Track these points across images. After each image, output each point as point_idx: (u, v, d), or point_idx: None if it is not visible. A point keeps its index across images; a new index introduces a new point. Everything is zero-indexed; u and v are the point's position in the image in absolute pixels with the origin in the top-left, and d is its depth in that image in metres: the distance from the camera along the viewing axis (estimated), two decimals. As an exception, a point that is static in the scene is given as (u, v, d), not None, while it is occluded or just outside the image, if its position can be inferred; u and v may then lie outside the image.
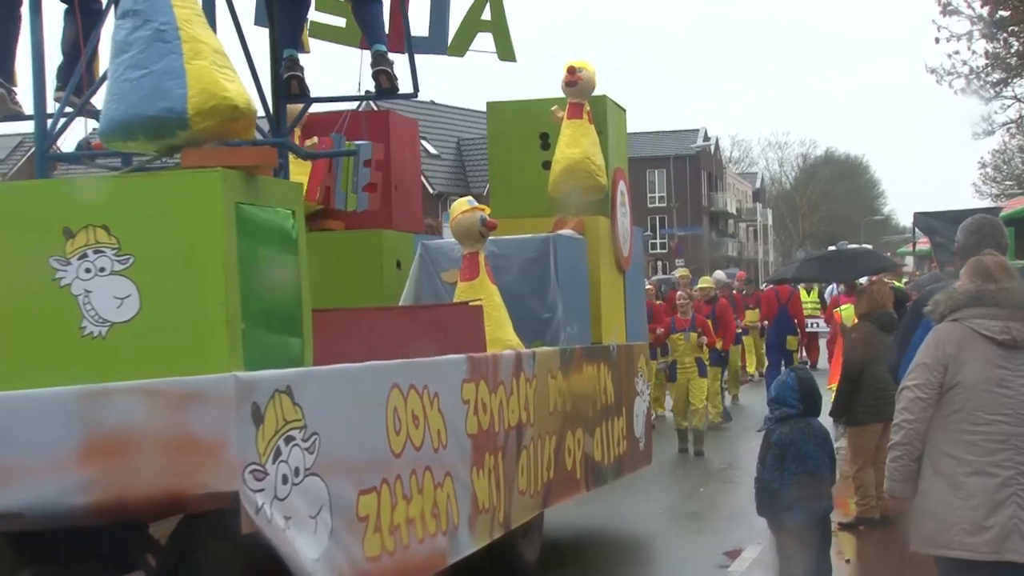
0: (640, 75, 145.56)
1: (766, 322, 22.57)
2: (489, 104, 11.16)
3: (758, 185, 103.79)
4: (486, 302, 8.63)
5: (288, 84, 7.28)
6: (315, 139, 10.50)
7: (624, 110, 11.70)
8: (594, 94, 10.78)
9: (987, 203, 45.05)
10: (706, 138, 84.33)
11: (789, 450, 7.49)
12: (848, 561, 10.17)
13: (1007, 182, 52.11)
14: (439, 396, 6.58)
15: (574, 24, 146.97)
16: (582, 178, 10.42)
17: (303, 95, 7.61)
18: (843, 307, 16.61)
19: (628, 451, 10.91)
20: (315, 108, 10.73)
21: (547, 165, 10.68)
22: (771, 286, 23.53)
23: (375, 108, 15.96)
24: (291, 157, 10.41)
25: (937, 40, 30.09)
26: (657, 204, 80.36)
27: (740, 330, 22.81)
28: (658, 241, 77.19)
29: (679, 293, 17.89)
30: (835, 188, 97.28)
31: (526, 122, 10.96)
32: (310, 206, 10.30)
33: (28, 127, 6.67)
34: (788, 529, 7.61)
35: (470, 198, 8.92)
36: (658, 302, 20.70)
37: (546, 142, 10.85)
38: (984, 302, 5.50)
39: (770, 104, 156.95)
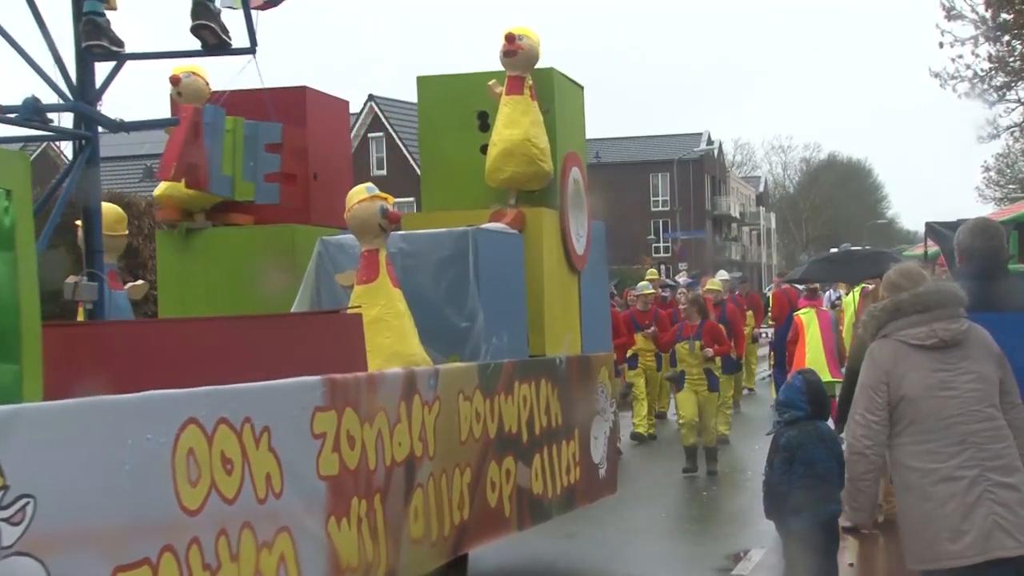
0: (643, 79, 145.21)
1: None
2: (420, 79, 9.69)
3: (761, 189, 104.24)
4: (385, 309, 7.22)
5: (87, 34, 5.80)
6: (233, 121, 9.14)
7: (581, 87, 10.21)
8: (544, 66, 9.36)
9: (991, 207, 44.80)
10: (709, 142, 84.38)
11: (797, 453, 7.38)
12: (851, 565, 9.93)
13: (1011, 186, 52.21)
14: (271, 430, 5.11)
15: (575, 27, 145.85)
16: (521, 163, 8.97)
17: (115, 52, 6.14)
18: (802, 311, 16.25)
19: (582, 479, 9.43)
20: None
21: (486, 149, 9.25)
22: (780, 289, 22.98)
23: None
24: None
25: (941, 44, 30.49)
26: (660, 208, 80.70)
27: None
28: (661, 245, 77.57)
29: (682, 299, 16.46)
30: (838, 192, 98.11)
31: (462, 99, 9.51)
32: (201, 199, 8.94)
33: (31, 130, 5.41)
34: (795, 532, 7.55)
35: (369, 185, 7.48)
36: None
37: (485, 122, 9.41)
38: (903, 312, 5.54)
39: (773, 108, 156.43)
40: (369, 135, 63.79)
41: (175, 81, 9.05)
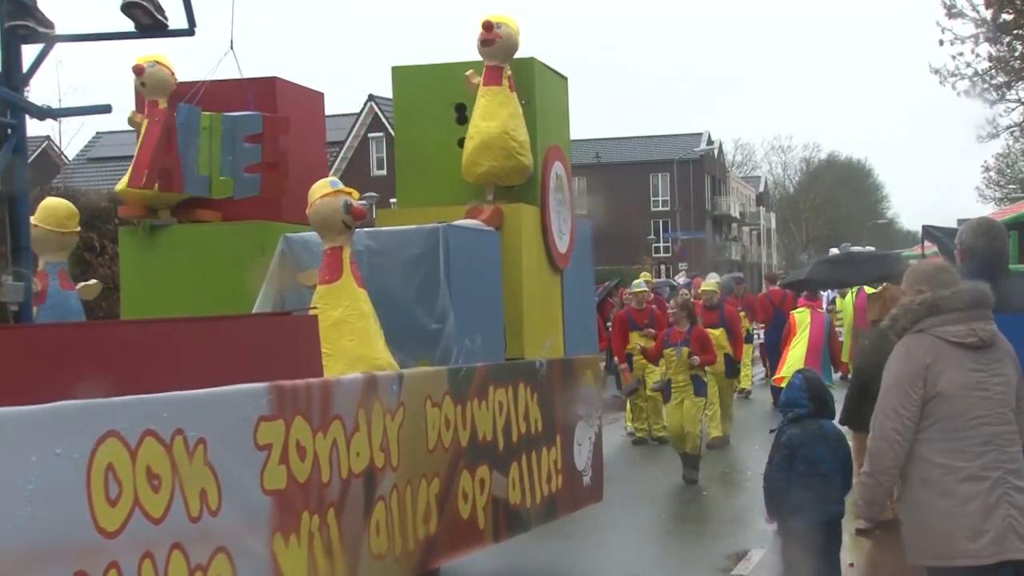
0: (643, 79, 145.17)
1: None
2: (395, 69, 9.28)
3: (761, 189, 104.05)
4: (349, 310, 6.84)
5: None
6: (183, 112, 8.75)
7: (565, 78, 9.79)
8: (526, 56, 8.96)
9: (991, 207, 44.90)
10: (709, 142, 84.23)
11: (799, 451, 7.42)
12: (851, 565, 9.80)
13: (1011, 186, 52.12)
14: (207, 442, 4.72)
15: (575, 26, 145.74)
16: (499, 157, 8.57)
17: (42, 34, 5.71)
18: (799, 310, 16.35)
19: (564, 488, 9.01)
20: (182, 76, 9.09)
21: (464, 143, 8.84)
22: (766, 292, 23.01)
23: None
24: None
25: (941, 42, 30.55)
26: (660, 208, 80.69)
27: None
28: (661, 245, 77.51)
29: (671, 302, 15.95)
30: (838, 192, 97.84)
31: (440, 91, 9.10)
32: (167, 195, 8.54)
33: (33, 131, 5.05)
34: (793, 531, 7.57)
35: (334, 179, 7.09)
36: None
37: (463, 115, 9.00)
38: (943, 309, 5.47)
39: (773, 108, 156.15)
40: (369, 135, 63.44)
41: (138, 71, 8.67)
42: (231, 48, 8.77)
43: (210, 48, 8.45)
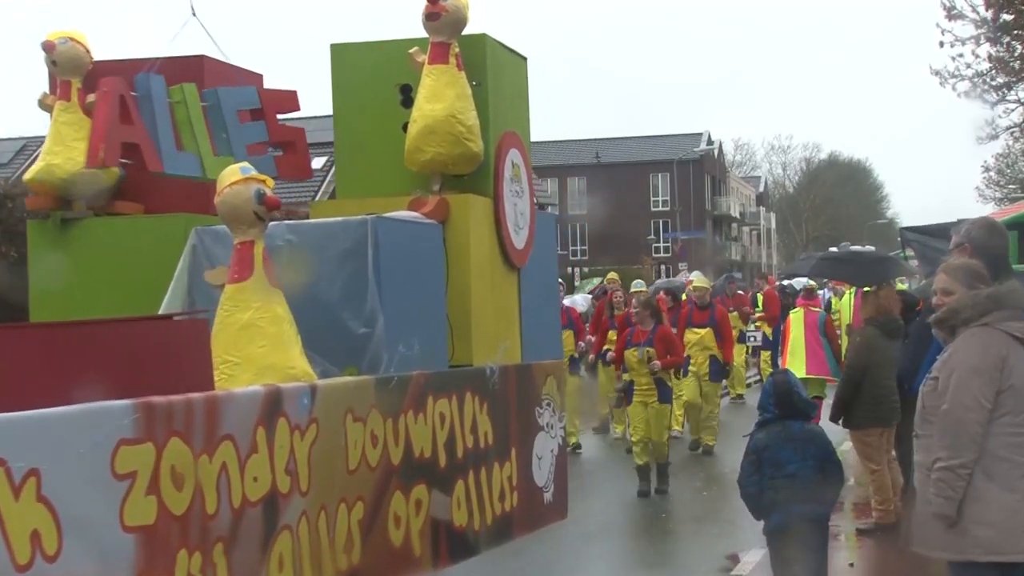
0: (643, 79, 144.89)
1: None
2: (333, 47, 8.46)
3: (761, 189, 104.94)
4: (260, 312, 6.04)
5: None
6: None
7: (523, 58, 8.97)
8: (476, 32, 8.17)
9: (991, 207, 45.08)
10: (709, 142, 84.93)
11: (764, 454, 7.54)
12: (852, 565, 10.05)
13: (1011, 186, 52.82)
14: (41, 474, 3.92)
15: (576, 26, 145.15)
16: (445, 143, 7.76)
17: None
18: (794, 310, 16.93)
19: (521, 506, 8.19)
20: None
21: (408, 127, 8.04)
22: (773, 287, 22.83)
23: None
24: (69, 110, 7.94)
25: (941, 44, 30.55)
26: (660, 208, 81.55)
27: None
28: (661, 245, 77.47)
29: (633, 301, 15.19)
30: (838, 192, 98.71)
31: (383, 71, 8.29)
32: (84, 184, 7.77)
33: (34, 131, 4.30)
34: (770, 532, 7.70)
35: (245, 165, 6.28)
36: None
37: (408, 97, 8.20)
38: (1004, 304, 5.54)
39: (773, 108, 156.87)
40: (370, 135, 63.03)
41: (48, 48, 7.90)
42: (193, 14, 8.09)
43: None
